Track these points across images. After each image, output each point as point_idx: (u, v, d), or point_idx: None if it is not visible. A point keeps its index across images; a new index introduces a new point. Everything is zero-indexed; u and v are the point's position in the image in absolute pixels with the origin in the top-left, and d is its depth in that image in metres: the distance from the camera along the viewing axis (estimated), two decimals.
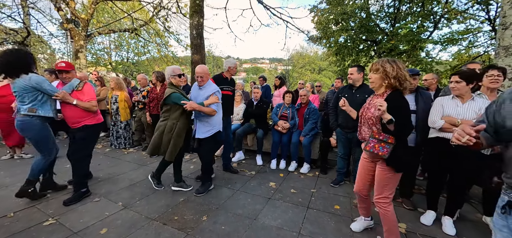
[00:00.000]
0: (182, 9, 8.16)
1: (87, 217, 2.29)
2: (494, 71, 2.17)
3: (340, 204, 2.69)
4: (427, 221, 2.34)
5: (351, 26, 10.53)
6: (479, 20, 9.84)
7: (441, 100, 2.24)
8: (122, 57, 17.64)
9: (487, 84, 2.21)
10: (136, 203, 2.59)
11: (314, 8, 10.98)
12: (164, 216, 2.35)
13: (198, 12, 5.39)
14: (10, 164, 3.82)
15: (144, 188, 2.99)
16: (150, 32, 10.48)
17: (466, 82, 2.12)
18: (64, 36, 10.34)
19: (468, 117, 2.07)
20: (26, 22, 8.69)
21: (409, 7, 10.24)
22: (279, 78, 5.94)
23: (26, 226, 2.11)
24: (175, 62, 12.49)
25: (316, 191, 3.05)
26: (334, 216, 2.45)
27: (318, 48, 28.00)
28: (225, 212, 2.45)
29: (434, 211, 2.39)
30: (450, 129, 2.13)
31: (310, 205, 2.66)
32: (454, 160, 2.16)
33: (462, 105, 2.12)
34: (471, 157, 2.09)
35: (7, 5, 7.78)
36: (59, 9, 7.26)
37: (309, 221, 2.34)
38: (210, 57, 20.58)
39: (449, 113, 2.16)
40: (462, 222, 2.38)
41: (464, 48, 11.22)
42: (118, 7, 9.39)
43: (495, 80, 2.16)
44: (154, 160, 4.16)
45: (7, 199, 2.59)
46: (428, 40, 10.39)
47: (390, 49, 9.87)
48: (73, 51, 7.62)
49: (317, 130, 3.85)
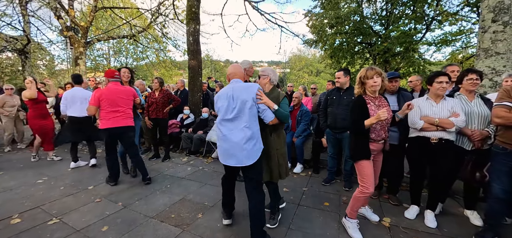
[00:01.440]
0: (180, 15, 8.36)
1: (89, 216, 2.42)
2: (473, 75, 2.32)
3: (330, 201, 2.83)
4: (411, 215, 2.48)
5: (346, 30, 10.75)
6: (471, 22, 10.09)
7: (417, 102, 2.40)
8: (121, 62, 17.80)
9: (467, 87, 2.35)
10: (135, 203, 2.73)
11: (308, 13, 11.20)
12: (162, 214, 2.48)
13: (194, 20, 5.57)
14: (21, 166, 3.94)
15: (142, 189, 3.12)
16: (149, 38, 10.65)
17: None
18: (63, 43, 10.51)
19: (443, 116, 2.22)
20: (26, 30, 8.87)
21: (402, 10, 10.48)
22: None
23: (31, 225, 2.24)
24: (174, 67, 12.67)
25: (307, 189, 3.19)
26: (323, 212, 2.59)
27: (316, 51, 28.32)
28: (219, 210, 2.57)
29: (417, 205, 2.53)
30: (429, 128, 2.28)
31: (301, 203, 2.80)
32: (432, 157, 2.31)
33: (436, 105, 2.28)
34: (448, 155, 2.25)
35: (8, 14, 7.94)
36: (59, 18, 7.43)
37: (299, 217, 2.48)
38: (208, 62, 20.79)
39: (426, 114, 2.31)
40: (444, 216, 2.52)
41: (458, 49, 11.47)
42: (116, 14, 9.58)
43: (474, 84, 2.31)
44: (152, 162, 4.30)
45: (13, 201, 2.72)
46: (421, 42, 10.62)
47: (384, 51, 10.08)
48: (73, 58, 7.78)
49: (309, 131, 4.00)
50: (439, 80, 2.27)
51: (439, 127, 2.24)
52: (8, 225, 2.24)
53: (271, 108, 1.98)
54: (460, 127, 2.22)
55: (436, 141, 2.26)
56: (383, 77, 2.04)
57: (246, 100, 1.90)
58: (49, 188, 3.11)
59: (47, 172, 3.71)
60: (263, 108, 1.96)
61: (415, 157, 2.49)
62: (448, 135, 2.23)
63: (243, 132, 1.89)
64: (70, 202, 2.73)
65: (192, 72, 5.66)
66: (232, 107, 1.93)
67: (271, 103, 1.99)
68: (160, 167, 4.03)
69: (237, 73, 2.08)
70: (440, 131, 2.24)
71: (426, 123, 2.30)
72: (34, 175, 3.57)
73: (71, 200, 2.80)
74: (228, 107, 1.95)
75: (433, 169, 2.40)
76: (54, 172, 3.74)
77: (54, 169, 3.86)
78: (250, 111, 1.91)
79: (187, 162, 4.36)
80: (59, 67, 15.14)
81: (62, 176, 3.58)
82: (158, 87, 4.43)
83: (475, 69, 2.41)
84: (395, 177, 2.87)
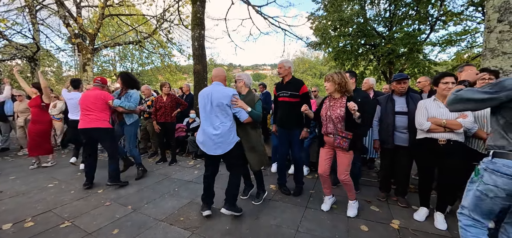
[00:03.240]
0: (184, 21, 8.50)
1: (100, 219, 2.47)
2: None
3: (337, 203, 2.82)
4: (420, 217, 2.46)
5: (349, 32, 10.75)
6: (476, 21, 10.00)
7: (424, 103, 2.40)
8: (126, 68, 18.10)
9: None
10: (144, 206, 2.76)
11: (311, 15, 11.25)
12: (171, 217, 2.51)
13: (199, 25, 5.66)
14: (30, 173, 4.03)
15: (151, 192, 3.16)
16: (154, 44, 10.83)
17: None
18: (71, 50, 10.75)
19: (451, 117, 2.21)
20: (35, 38, 9.10)
21: (405, 11, 10.45)
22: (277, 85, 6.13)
23: (45, 228, 2.29)
24: (178, 71, 12.82)
25: (314, 192, 3.19)
26: (331, 214, 2.59)
27: (319, 53, 28.33)
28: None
29: (426, 207, 2.51)
30: (437, 129, 2.28)
31: (308, 205, 2.80)
32: (440, 159, 2.29)
33: (443, 107, 2.27)
34: (457, 156, 2.23)
35: (18, 23, 8.17)
36: (67, 25, 7.61)
37: (307, 219, 2.48)
38: (212, 66, 21.01)
39: (433, 115, 2.30)
40: (453, 217, 2.47)
41: (463, 49, 11.35)
42: (123, 21, 9.77)
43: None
44: (159, 166, 4.35)
45: (25, 205, 2.78)
46: (425, 42, 10.55)
47: (388, 52, 10.04)
48: (81, 64, 7.94)
49: (314, 133, 4.00)
50: (444, 81, 2.27)
51: (446, 128, 2.23)
52: (22, 228, 2.30)
53: (245, 110, 2.36)
54: (468, 128, 2.21)
55: (444, 142, 2.25)
56: (336, 81, 2.33)
57: (222, 102, 2.28)
58: (60, 192, 3.18)
59: (57, 176, 3.78)
60: (238, 110, 2.36)
61: (423, 158, 2.48)
62: (457, 136, 2.22)
63: (216, 128, 2.30)
64: (81, 206, 2.78)
65: (198, 76, 5.73)
66: (209, 107, 2.32)
67: (245, 106, 2.38)
68: (167, 171, 4.08)
69: (218, 76, 2.45)
70: (448, 132, 2.24)
71: (433, 124, 2.30)
72: (45, 179, 3.64)
73: (81, 203, 2.85)
74: (205, 105, 2.34)
75: (442, 171, 2.38)
76: (64, 176, 3.82)
77: (64, 173, 3.94)
78: (224, 112, 2.31)
79: (193, 166, 4.39)
80: (67, 73, 15.46)
81: (72, 180, 3.65)
82: (167, 92, 4.49)
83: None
84: (403, 179, 2.85)
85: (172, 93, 4.59)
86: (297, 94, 2.88)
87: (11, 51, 9.88)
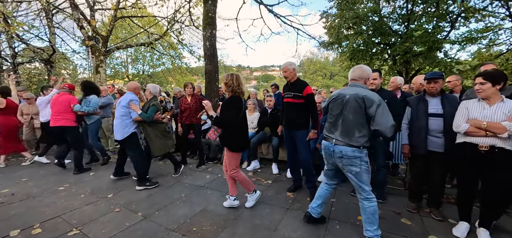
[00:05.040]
0: (195, 21, 8.44)
1: (109, 227, 2.34)
2: None
3: None
4: (460, 233, 2.17)
5: (364, 30, 10.36)
6: (499, 17, 9.36)
7: (466, 104, 2.12)
8: (138, 70, 18.36)
9: None
10: (154, 214, 2.62)
11: (324, 14, 10.95)
12: (183, 226, 2.34)
13: (210, 24, 5.54)
14: (34, 171, 4.01)
15: (162, 199, 3.02)
16: (165, 45, 10.85)
17: (492, 83, 1.99)
18: (85, 52, 10.96)
19: (496, 120, 1.93)
20: (51, 41, 9.33)
21: (423, 7, 9.95)
22: None
23: (52, 236, 2.17)
24: (188, 73, 12.82)
25: (336, 200, 2.94)
26: (358, 227, 2.34)
27: (329, 54, 27.79)
28: (244, 223, 2.41)
29: (467, 222, 2.22)
30: (476, 132, 2.00)
31: (330, 216, 2.56)
32: (486, 169, 2.00)
33: (489, 108, 1.99)
34: (505, 166, 1.94)
35: (35, 26, 8.38)
36: (81, 28, 7.72)
37: (331, 233, 2.25)
38: (222, 67, 21.03)
39: (475, 116, 2.02)
40: (499, 233, 2.19)
41: (485, 46, 10.68)
42: (135, 23, 9.85)
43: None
44: (170, 169, 4.22)
45: (35, 209, 2.70)
46: (445, 40, 9.99)
47: (405, 51, 9.58)
48: (94, 66, 8.03)
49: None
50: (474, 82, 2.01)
51: (488, 132, 1.94)
52: (30, 235, 2.20)
53: (136, 111, 3.28)
54: None
55: (486, 148, 1.97)
56: None
57: (122, 104, 3.30)
58: (70, 196, 3.10)
59: (69, 179, 3.73)
60: (130, 110, 3.31)
61: (461, 166, 2.20)
62: (503, 142, 1.92)
63: (117, 120, 3.31)
64: (90, 211, 2.67)
65: (209, 77, 5.60)
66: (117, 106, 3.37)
67: (137, 109, 3.29)
68: (178, 176, 3.92)
69: (129, 88, 3.47)
70: (491, 137, 1.95)
71: (471, 127, 2.02)
72: (56, 182, 3.59)
73: (91, 209, 2.74)
74: (117, 105, 3.38)
75: (486, 181, 2.09)
76: (75, 178, 3.75)
77: (76, 176, 3.88)
78: (123, 110, 3.29)
79: (205, 169, 4.23)
80: (81, 75, 15.84)
81: (83, 183, 3.57)
82: (191, 92, 4.38)
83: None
84: (437, 188, 2.56)
85: (196, 94, 4.47)
86: (301, 95, 2.82)
87: (29, 54, 10.18)
